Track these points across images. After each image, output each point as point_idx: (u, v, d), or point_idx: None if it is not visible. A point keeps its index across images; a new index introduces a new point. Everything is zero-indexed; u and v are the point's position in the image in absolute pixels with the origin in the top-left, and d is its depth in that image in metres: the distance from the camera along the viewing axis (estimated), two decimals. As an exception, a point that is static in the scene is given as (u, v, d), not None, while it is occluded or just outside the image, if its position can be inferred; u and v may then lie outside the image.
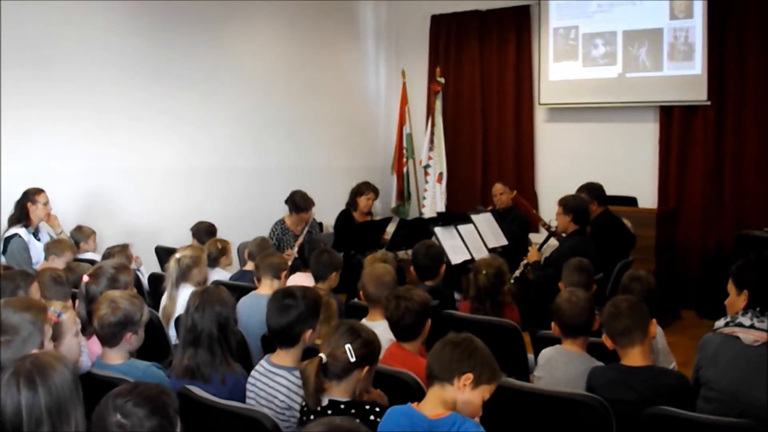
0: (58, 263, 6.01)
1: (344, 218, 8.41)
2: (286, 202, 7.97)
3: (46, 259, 6.18)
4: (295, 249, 7.56)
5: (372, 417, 3.03)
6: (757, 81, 8.93)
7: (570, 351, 4.02)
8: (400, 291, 4.01)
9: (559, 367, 3.96)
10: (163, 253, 7.39)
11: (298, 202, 7.90)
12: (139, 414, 2.30)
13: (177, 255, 5.27)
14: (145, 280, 6.45)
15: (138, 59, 8.35)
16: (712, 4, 9.09)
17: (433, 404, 2.90)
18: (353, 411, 3.03)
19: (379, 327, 3.93)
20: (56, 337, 3.33)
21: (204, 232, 7.05)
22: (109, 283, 4.51)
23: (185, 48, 8.82)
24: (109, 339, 3.68)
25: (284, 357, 3.63)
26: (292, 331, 3.62)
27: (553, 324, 4.16)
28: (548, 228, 7.17)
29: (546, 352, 4.10)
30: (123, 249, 6.21)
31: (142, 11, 8.33)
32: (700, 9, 9.14)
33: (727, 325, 3.64)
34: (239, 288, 5.42)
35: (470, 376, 2.87)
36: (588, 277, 5.03)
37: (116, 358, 3.69)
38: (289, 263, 7.22)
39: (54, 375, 2.46)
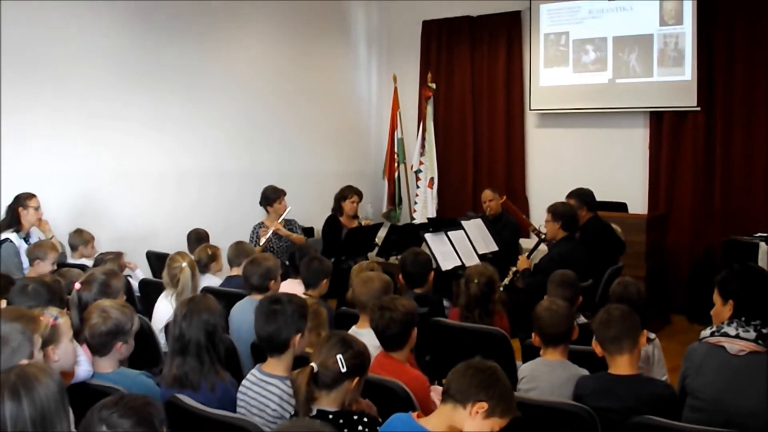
0: (45, 266, 6.02)
1: (331, 224, 8.44)
2: (260, 203, 8.07)
3: (31, 264, 6.16)
4: (270, 232, 7.64)
5: (360, 427, 3.05)
6: (746, 87, 8.98)
7: (551, 360, 4.04)
8: (384, 301, 4.01)
9: (543, 377, 3.97)
10: (154, 259, 7.39)
11: (269, 195, 8.02)
12: (124, 425, 2.32)
13: (183, 264, 5.27)
14: (135, 285, 6.44)
15: (130, 63, 8.35)
16: (701, 11, 9.13)
17: (440, 421, 2.91)
18: (341, 421, 3.04)
19: (368, 335, 3.96)
20: (52, 341, 3.34)
21: (193, 239, 7.06)
22: (101, 289, 4.51)
23: (177, 51, 8.83)
24: (100, 348, 3.69)
25: (275, 366, 3.65)
26: (281, 337, 3.63)
27: (533, 334, 4.18)
28: (538, 233, 7.19)
29: (527, 366, 4.12)
30: (116, 257, 6.21)
31: (133, 15, 8.33)
32: (689, 15, 9.18)
33: (712, 334, 3.67)
34: (229, 294, 5.43)
35: (485, 405, 2.85)
36: (573, 291, 5.01)
37: (106, 367, 3.70)
38: (262, 241, 7.38)
39: (39, 387, 2.48)
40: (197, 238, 7.03)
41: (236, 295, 5.34)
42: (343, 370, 3.09)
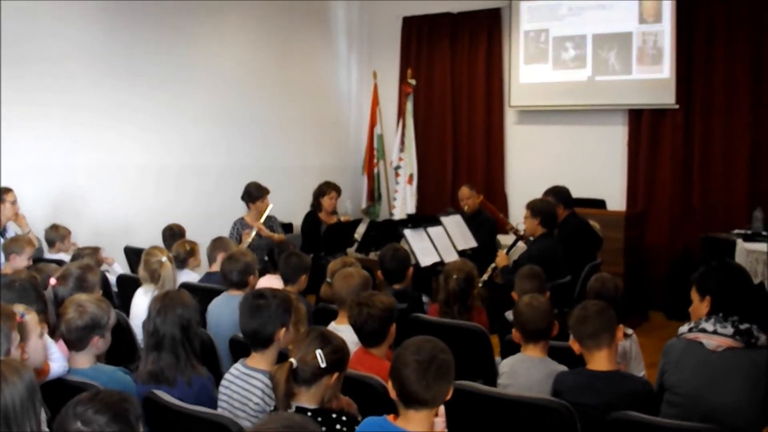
0: (21, 261, 5.97)
1: (311, 220, 8.42)
2: (242, 198, 8.03)
3: (7, 259, 6.11)
4: (253, 233, 7.60)
5: (338, 426, 3.04)
6: (724, 85, 9.02)
7: (532, 357, 4.05)
8: (362, 297, 4.01)
9: (522, 373, 3.98)
10: (132, 254, 7.35)
11: (253, 191, 7.98)
12: (99, 421, 2.30)
13: (162, 258, 5.24)
14: (113, 280, 6.40)
15: (108, 55, 8.30)
16: (680, 9, 9.16)
17: (419, 424, 2.86)
18: (320, 419, 3.03)
19: (347, 331, 3.95)
20: (20, 339, 3.30)
21: (168, 235, 7.00)
22: (77, 284, 4.50)
23: (156, 44, 8.78)
24: (76, 343, 3.66)
25: (259, 360, 3.64)
26: (266, 331, 3.63)
27: (513, 330, 4.19)
28: (516, 232, 7.21)
29: (507, 362, 4.13)
30: (93, 252, 6.16)
31: (111, 8, 8.26)
32: (668, 13, 9.22)
33: (690, 330, 3.68)
34: (207, 290, 5.41)
35: (451, 391, 2.91)
36: (540, 283, 5.06)
37: (83, 362, 3.68)
38: (248, 242, 7.33)
39: (3, 386, 2.45)
40: (171, 234, 6.98)
41: (214, 291, 5.32)
42: (323, 365, 3.08)
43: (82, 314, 3.65)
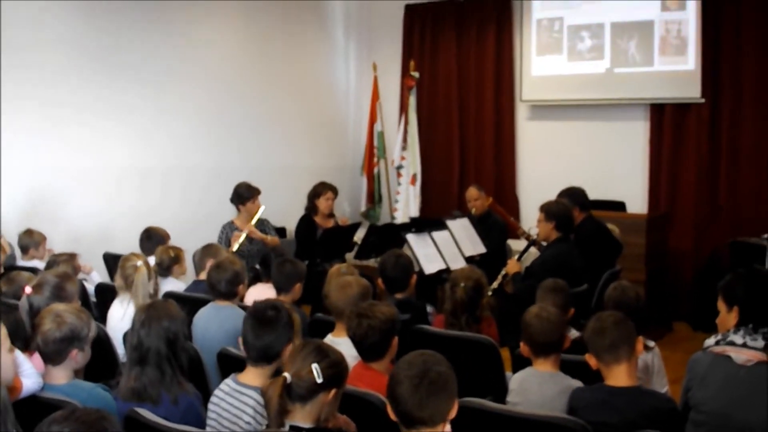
0: None
1: (306, 224, 8.40)
2: (231, 200, 8.00)
3: None
4: (243, 235, 7.59)
5: (335, 446, 3.04)
6: (755, 77, 9.00)
7: (542, 371, 4.06)
8: (361, 308, 4.01)
9: (533, 389, 3.98)
10: (112, 261, 7.33)
11: (242, 192, 7.93)
12: None
13: (137, 262, 5.23)
14: (91, 289, 6.40)
15: (87, 47, 8.28)
16: (706, -5, 9.16)
17: None
18: (315, 439, 3.03)
19: (345, 344, 3.95)
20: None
21: (144, 238, 6.97)
22: (54, 293, 4.50)
23: (140, 36, 8.75)
24: (54, 356, 3.66)
25: (255, 376, 3.64)
26: (275, 347, 3.64)
27: (522, 344, 4.18)
28: (528, 237, 7.21)
29: (517, 377, 4.14)
30: (70, 258, 6.17)
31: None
32: (693, 0, 9.20)
33: (717, 343, 3.68)
34: (194, 300, 5.41)
35: (456, 406, 2.90)
36: (564, 298, 5.06)
37: (60, 377, 3.67)
38: (235, 247, 7.29)
39: None
40: (147, 236, 6.93)
41: (201, 300, 5.31)
42: (319, 380, 3.07)
43: (60, 325, 3.65)
